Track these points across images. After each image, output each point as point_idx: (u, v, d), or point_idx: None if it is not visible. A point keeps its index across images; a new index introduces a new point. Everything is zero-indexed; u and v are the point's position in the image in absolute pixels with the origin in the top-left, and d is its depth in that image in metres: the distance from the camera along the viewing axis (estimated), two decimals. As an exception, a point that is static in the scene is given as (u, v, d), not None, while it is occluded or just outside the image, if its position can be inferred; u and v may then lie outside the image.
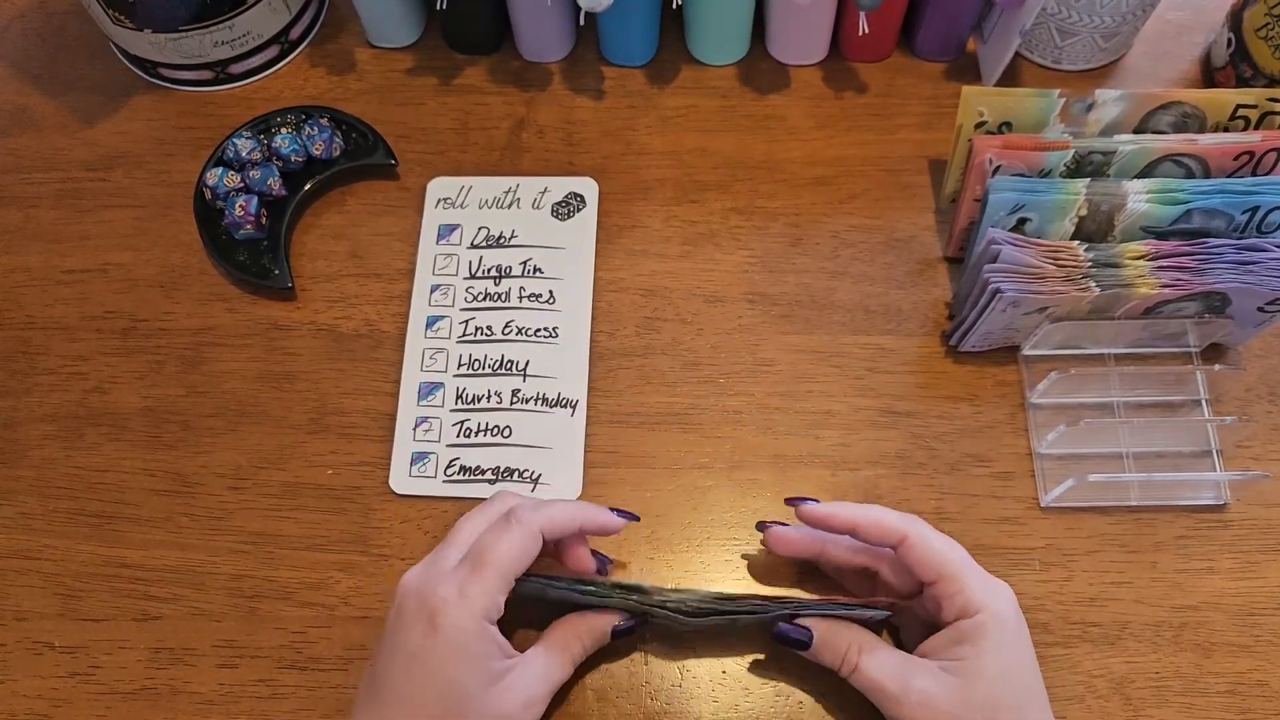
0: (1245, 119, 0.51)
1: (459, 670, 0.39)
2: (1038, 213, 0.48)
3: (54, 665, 0.49)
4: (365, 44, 0.64)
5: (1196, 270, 0.47)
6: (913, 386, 0.53)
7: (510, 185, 0.59)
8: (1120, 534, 0.50)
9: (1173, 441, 0.52)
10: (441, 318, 0.55)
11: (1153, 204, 0.48)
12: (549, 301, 0.55)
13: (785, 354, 0.54)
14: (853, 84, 0.62)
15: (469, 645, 0.39)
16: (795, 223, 0.58)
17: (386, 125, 0.60)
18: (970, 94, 0.50)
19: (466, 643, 0.39)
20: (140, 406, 0.54)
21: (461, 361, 0.54)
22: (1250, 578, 0.49)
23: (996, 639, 0.39)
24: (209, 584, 0.50)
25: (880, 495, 0.51)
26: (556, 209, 0.58)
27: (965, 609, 0.40)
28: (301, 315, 0.56)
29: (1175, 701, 0.47)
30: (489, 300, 0.56)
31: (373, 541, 0.51)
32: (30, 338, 0.56)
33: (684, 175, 0.59)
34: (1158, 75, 0.62)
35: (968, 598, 0.40)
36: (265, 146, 0.58)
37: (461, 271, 0.56)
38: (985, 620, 0.39)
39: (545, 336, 0.54)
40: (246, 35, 0.60)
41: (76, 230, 0.59)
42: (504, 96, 0.62)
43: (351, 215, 0.59)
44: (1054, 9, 0.58)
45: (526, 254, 0.57)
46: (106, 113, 0.63)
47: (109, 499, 0.52)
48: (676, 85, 0.62)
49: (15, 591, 0.50)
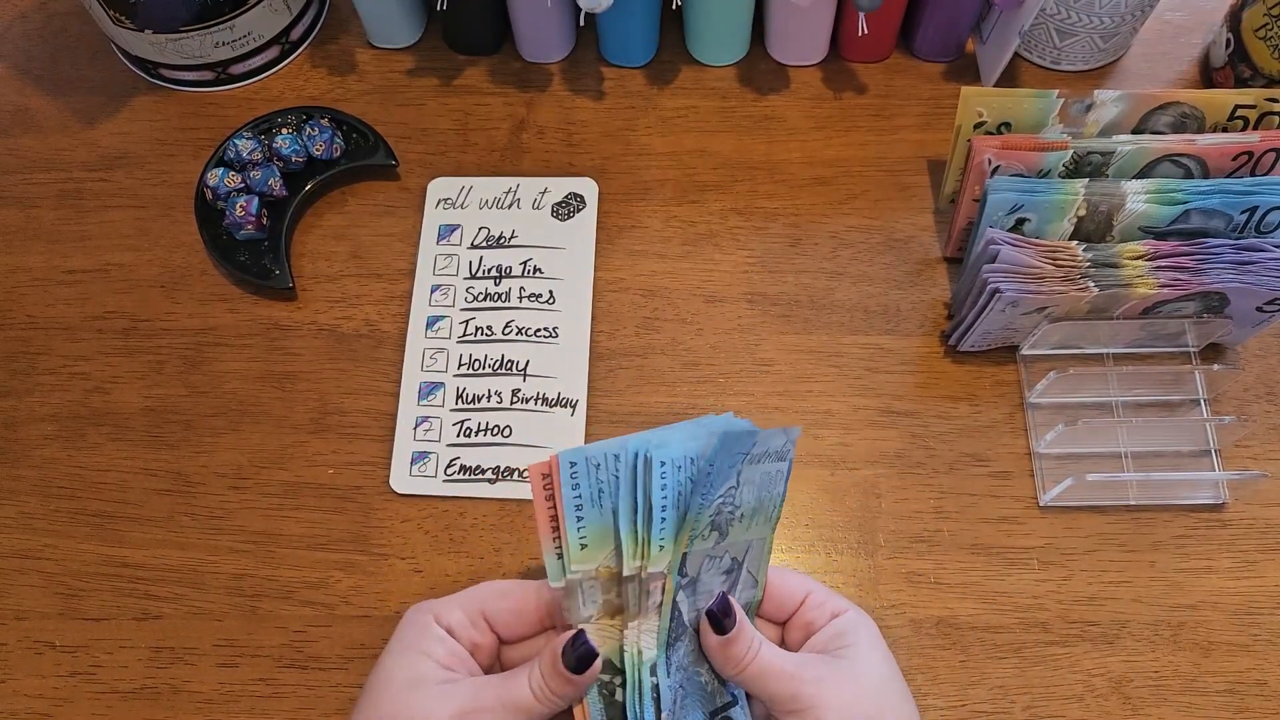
0: (1244, 119, 0.51)
1: (393, 660, 0.39)
2: (1036, 213, 0.49)
3: (55, 664, 0.49)
4: (366, 45, 0.64)
5: (1195, 270, 0.47)
6: (912, 386, 0.53)
7: (510, 186, 0.59)
8: (1119, 533, 0.50)
9: (1171, 441, 0.52)
10: (442, 318, 0.55)
11: (1151, 204, 0.48)
12: (549, 301, 0.55)
13: (784, 354, 0.54)
14: (852, 84, 0.62)
15: (407, 636, 0.39)
16: (795, 223, 0.58)
17: (387, 126, 0.60)
18: (969, 94, 0.50)
19: (408, 635, 0.39)
20: (141, 406, 0.54)
21: (462, 361, 0.54)
22: (1249, 577, 0.49)
23: (871, 632, 0.40)
24: (210, 583, 0.50)
25: (880, 494, 0.51)
26: (556, 209, 0.58)
27: (837, 609, 0.41)
28: (302, 315, 0.56)
29: (1174, 701, 0.47)
30: (489, 300, 0.56)
31: (373, 541, 0.51)
32: (31, 338, 0.56)
33: (684, 176, 0.59)
34: (1156, 76, 0.62)
35: (836, 602, 0.41)
36: (266, 147, 0.58)
37: (462, 271, 0.57)
38: (857, 617, 0.41)
39: (545, 336, 0.55)
40: (247, 36, 0.61)
41: (78, 230, 0.59)
42: (504, 97, 0.62)
43: (352, 216, 0.59)
44: (1053, 10, 0.58)
45: (526, 254, 0.57)
46: (108, 113, 0.63)
47: (110, 499, 0.52)
48: (676, 86, 0.62)
49: (16, 591, 0.50)
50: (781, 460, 0.40)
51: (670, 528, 0.37)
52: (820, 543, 0.50)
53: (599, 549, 0.38)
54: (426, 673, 0.38)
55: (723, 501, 0.38)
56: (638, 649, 0.38)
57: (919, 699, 0.46)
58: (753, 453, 0.38)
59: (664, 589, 0.38)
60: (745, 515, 0.40)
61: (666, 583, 0.38)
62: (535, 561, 0.50)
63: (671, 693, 0.39)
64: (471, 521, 0.51)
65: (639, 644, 0.38)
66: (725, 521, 0.39)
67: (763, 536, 0.41)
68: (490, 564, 0.50)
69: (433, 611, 0.40)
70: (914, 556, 0.50)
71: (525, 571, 0.50)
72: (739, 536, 0.40)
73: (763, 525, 0.41)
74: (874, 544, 0.50)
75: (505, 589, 0.41)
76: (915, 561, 0.49)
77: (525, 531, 0.51)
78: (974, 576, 0.49)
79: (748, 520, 0.40)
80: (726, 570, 0.40)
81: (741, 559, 0.41)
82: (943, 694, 0.47)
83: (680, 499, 0.37)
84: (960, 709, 0.47)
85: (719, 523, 0.38)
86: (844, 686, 0.38)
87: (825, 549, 0.50)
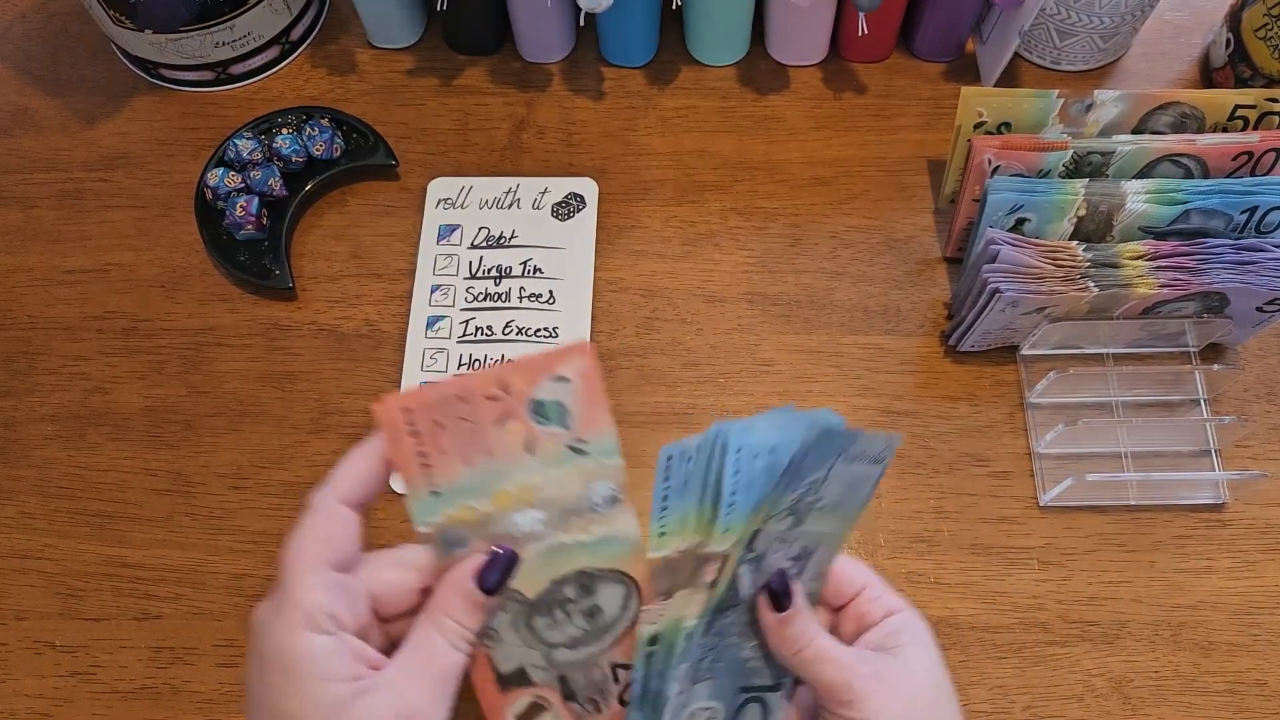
0: (1244, 119, 0.51)
1: (289, 700, 0.32)
2: (1036, 213, 0.49)
3: (55, 664, 0.49)
4: (366, 45, 0.64)
5: (1195, 270, 0.47)
6: (912, 386, 0.53)
7: (510, 186, 0.59)
8: (1119, 533, 0.50)
9: (1171, 441, 0.52)
10: (442, 318, 0.55)
11: (1151, 204, 0.48)
12: (549, 301, 0.55)
13: (784, 354, 0.54)
14: (852, 84, 0.62)
15: (296, 667, 0.32)
16: (794, 223, 0.58)
17: (387, 126, 0.60)
18: (969, 94, 0.50)
19: (292, 664, 0.32)
20: (141, 406, 0.54)
21: (462, 361, 0.54)
22: (1248, 577, 0.49)
23: (925, 632, 0.40)
24: (210, 583, 0.50)
25: (879, 494, 0.51)
26: (556, 209, 0.58)
27: (892, 607, 0.41)
28: (302, 315, 0.56)
29: (1174, 700, 0.47)
30: (489, 300, 0.56)
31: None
32: (32, 338, 0.56)
33: (683, 176, 0.59)
34: (1156, 76, 0.62)
35: (891, 599, 0.41)
36: (266, 147, 0.58)
37: (462, 271, 0.57)
38: (912, 617, 0.41)
39: (545, 336, 0.55)
40: (247, 36, 0.61)
41: (78, 230, 0.59)
42: (504, 97, 0.62)
43: (352, 216, 0.59)
44: (1053, 10, 0.58)
45: (527, 254, 0.57)
46: (108, 113, 0.63)
47: (110, 499, 0.52)
48: (676, 86, 0.62)
49: (16, 591, 0.50)
50: (876, 465, 0.40)
51: (739, 514, 0.37)
52: (820, 543, 0.50)
53: (676, 536, 0.38)
54: (337, 694, 0.32)
55: (806, 490, 0.38)
56: (680, 616, 0.38)
57: (919, 699, 0.47)
58: (849, 451, 0.38)
59: (721, 568, 0.37)
60: (826, 509, 0.39)
61: (727, 561, 0.37)
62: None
63: (700, 651, 0.38)
64: (471, 521, 0.51)
65: (684, 611, 0.38)
66: (804, 510, 0.38)
67: (838, 533, 0.41)
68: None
69: (307, 623, 0.32)
70: (914, 556, 0.50)
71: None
72: (814, 527, 0.40)
73: (840, 522, 0.41)
74: (874, 544, 0.50)
75: (329, 524, 0.35)
76: (915, 561, 0.49)
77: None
78: (974, 576, 0.49)
79: (827, 514, 0.40)
80: (795, 556, 0.40)
81: (812, 549, 0.40)
82: (943, 694, 0.47)
83: (752, 486, 0.37)
84: (960, 709, 0.47)
85: (798, 509, 0.38)
86: (897, 683, 0.38)
87: (825, 549, 0.50)
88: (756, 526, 0.37)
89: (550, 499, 0.36)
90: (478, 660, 0.36)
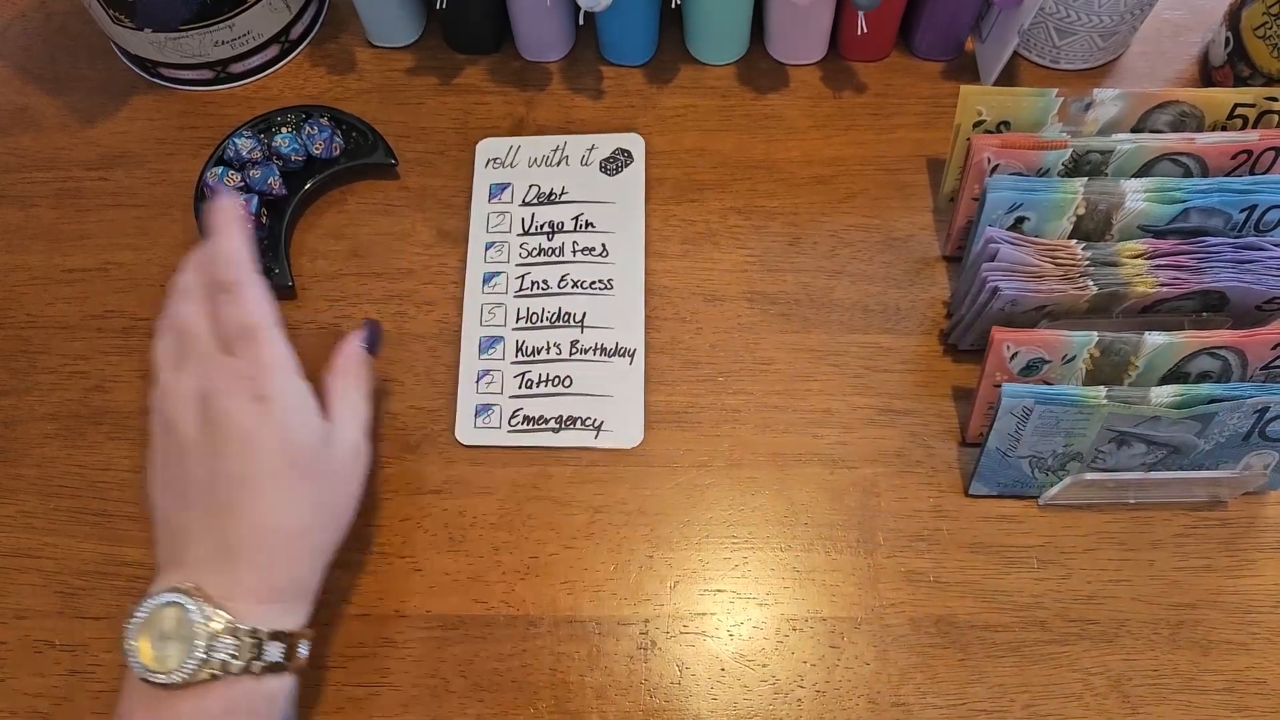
0: (1243, 118, 0.51)
1: (299, 431, 0.39)
2: (1035, 211, 0.49)
3: (54, 663, 0.49)
4: (365, 43, 0.64)
5: (1194, 269, 0.47)
6: (911, 385, 0.53)
7: (558, 144, 0.60)
8: (1118, 532, 0.50)
9: (1170, 440, 0.52)
10: (498, 274, 0.56)
11: (1150, 203, 0.48)
12: (602, 255, 0.56)
13: (784, 353, 0.54)
14: (851, 83, 0.62)
15: (304, 403, 0.41)
16: (794, 222, 0.58)
17: (386, 125, 0.60)
18: (968, 93, 0.51)
19: (300, 402, 0.40)
20: (141, 406, 0.54)
21: (520, 315, 0.55)
22: (1248, 575, 0.49)
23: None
24: (209, 582, 0.50)
25: (879, 493, 0.51)
26: (605, 165, 0.59)
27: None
28: (302, 314, 0.56)
29: (1173, 699, 0.47)
30: (543, 255, 0.57)
31: (374, 540, 0.51)
32: (31, 336, 0.56)
33: (683, 175, 0.59)
34: (1155, 74, 0.62)
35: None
36: (265, 146, 0.58)
37: (515, 229, 0.57)
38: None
39: (600, 288, 0.55)
40: (246, 35, 0.61)
41: (77, 229, 0.59)
42: (504, 96, 0.62)
43: (352, 215, 0.59)
44: (1052, 8, 0.58)
45: (578, 209, 0.58)
46: (107, 112, 0.63)
47: (110, 497, 0.52)
48: (675, 85, 0.62)
49: (16, 590, 0.50)
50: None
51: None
52: (819, 541, 0.50)
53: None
54: (325, 427, 0.43)
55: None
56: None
57: (918, 698, 0.47)
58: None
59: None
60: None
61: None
62: (535, 559, 0.50)
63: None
64: (471, 520, 0.51)
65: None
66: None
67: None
68: (489, 563, 0.50)
69: (299, 369, 0.42)
70: (913, 555, 0.50)
71: (523, 570, 0.50)
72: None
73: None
74: (873, 543, 0.50)
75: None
76: (914, 560, 0.50)
77: (526, 530, 0.51)
78: (973, 575, 0.49)
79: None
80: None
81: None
82: (942, 693, 0.47)
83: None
84: (960, 708, 0.47)
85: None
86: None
87: (824, 548, 0.50)
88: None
89: None
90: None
